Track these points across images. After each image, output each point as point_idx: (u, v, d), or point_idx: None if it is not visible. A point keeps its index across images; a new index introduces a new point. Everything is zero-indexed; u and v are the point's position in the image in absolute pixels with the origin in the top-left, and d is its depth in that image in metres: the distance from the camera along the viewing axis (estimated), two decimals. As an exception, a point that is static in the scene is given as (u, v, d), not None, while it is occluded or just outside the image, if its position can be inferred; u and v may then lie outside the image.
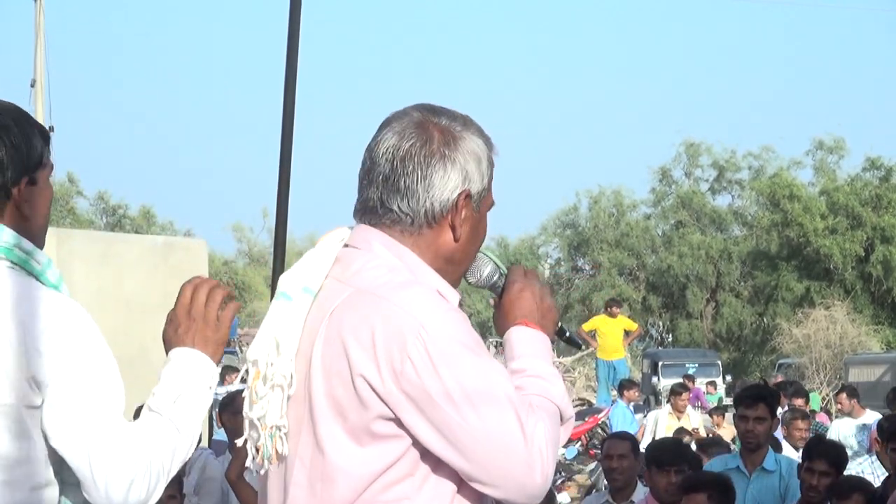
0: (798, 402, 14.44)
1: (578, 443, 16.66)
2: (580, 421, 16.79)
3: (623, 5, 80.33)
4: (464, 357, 2.42)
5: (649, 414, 16.59)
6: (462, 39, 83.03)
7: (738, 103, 74.48)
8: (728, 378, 29.68)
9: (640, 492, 6.96)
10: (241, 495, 6.53)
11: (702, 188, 45.35)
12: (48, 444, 2.61)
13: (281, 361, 2.50)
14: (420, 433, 2.42)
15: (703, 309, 43.20)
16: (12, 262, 2.67)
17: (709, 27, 76.94)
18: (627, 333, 20.65)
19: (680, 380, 20.03)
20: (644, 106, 76.53)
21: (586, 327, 21.41)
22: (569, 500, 13.79)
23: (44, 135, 2.78)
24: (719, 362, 30.35)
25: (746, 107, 74.30)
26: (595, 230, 44.78)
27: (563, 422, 2.55)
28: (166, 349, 2.76)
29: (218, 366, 2.79)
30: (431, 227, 2.57)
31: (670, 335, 44.79)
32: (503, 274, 2.77)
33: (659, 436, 13.70)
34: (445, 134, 2.57)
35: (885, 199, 38.93)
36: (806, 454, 6.87)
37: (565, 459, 15.81)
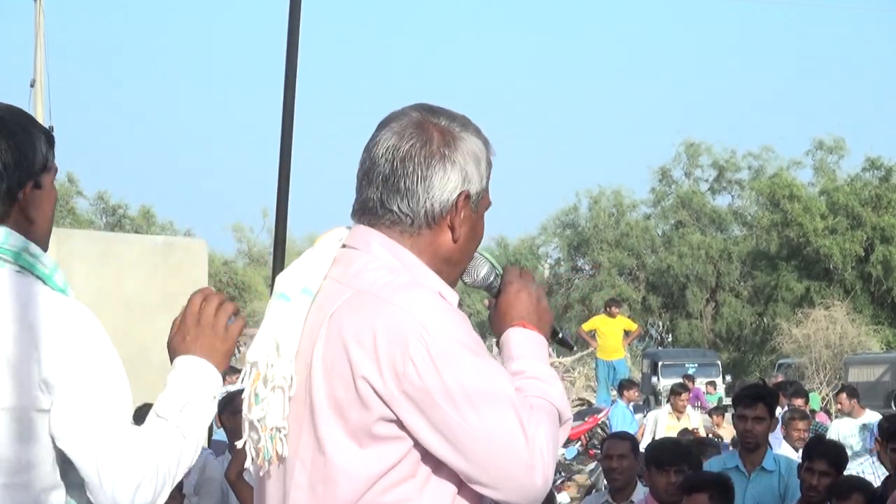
0: (798, 403, 14.43)
1: (578, 443, 16.66)
2: (580, 421, 16.79)
3: (623, 5, 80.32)
4: (465, 358, 2.41)
5: (649, 414, 16.59)
6: (462, 39, 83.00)
7: (738, 103, 74.46)
8: (728, 378, 29.66)
9: (640, 492, 6.96)
10: (241, 495, 6.53)
11: (702, 188, 45.35)
12: (55, 447, 2.61)
13: (281, 363, 2.50)
14: (421, 434, 2.41)
15: (703, 309, 43.20)
16: (20, 266, 2.67)
17: (709, 27, 76.91)
18: (627, 333, 20.64)
19: (680, 380, 20.03)
20: (644, 106, 76.52)
21: (586, 327, 21.42)
22: (569, 500, 13.80)
23: (48, 138, 2.78)
24: (719, 362, 30.33)
25: (746, 107, 74.29)
26: (595, 230, 44.76)
27: (562, 423, 2.54)
28: (171, 355, 2.76)
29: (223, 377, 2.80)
30: (431, 228, 2.56)
31: (670, 335, 44.78)
32: (499, 275, 2.76)
33: (659, 436, 13.70)
34: (445, 134, 2.57)
35: (885, 199, 38.93)
36: (806, 454, 6.87)
37: (565, 459, 15.80)
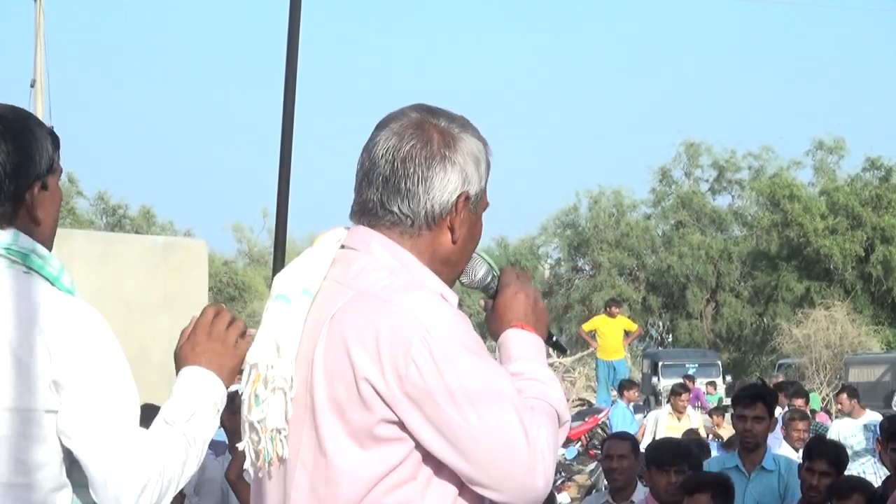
0: (798, 403, 14.43)
1: (578, 443, 16.66)
2: (580, 421, 16.79)
3: (623, 5, 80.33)
4: (467, 359, 2.41)
5: (649, 414, 16.59)
6: (462, 39, 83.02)
7: (738, 103, 74.47)
8: (728, 378, 29.66)
9: (640, 492, 6.96)
10: (241, 495, 6.53)
11: (702, 188, 45.34)
12: (62, 447, 2.62)
13: (281, 364, 2.49)
14: (422, 435, 2.40)
15: (703, 309, 43.20)
16: (28, 268, 2.68)
17: (709, 27, 76.92)
18: (627, 334, 20.64)
19: (680, 380, 20.02)
20: (644, 106, 76.52)
21: (586, 327, 21.42)
22: (569, 500, 13.80)
23: (54, 139, 2.79)
24: (719, 362, 30.33)
25: (746, 107, 74.29)
26: (595, 230, 44.75)
27: (560, 425, 2.54)
28: (179, 364, 2.77)
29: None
30: (430, 229, 2.56)
31: (670, 335, 44.78)
32: (496, 276, 2.75)
33: (659, 436, 13.70)
34: (445, 135, 2.56)
35: (885, 199, 38.93)
36: (806, 454, 6.87)
37: (565, 459, 15.80)
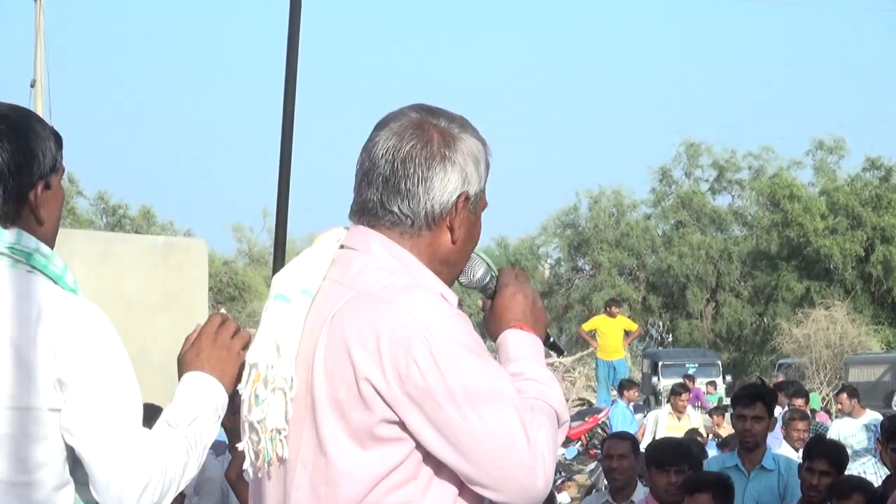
0: (798, 403, 14.43)
1: (578, 443, 16.66)
2: (580, 421, 16.79)
3: (623, 5, 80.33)
4: (468, 359, 2.41)
5: (649, 414, 16.58)
6: (462, 39, 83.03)
7: (738, 103, 74.46)
8: (728, 378, 29.67)
9: (640, 492, 6.96)
10: (241, 495, 6.53)
11: (702, 188, 45.33)
12: (65, 445, 2.63)
13: (281, 364, 2.49)
14: (423, 435, 2.40)
15: (703, 309, 43.19)
16: (32, 267, 2.69)
17: (709, 27, 76.95)
18: (627, 333, 20.65)
19: (680, 380, 20.02)
20: (644, 106, 76.53)
21: (586, 327, 21.42)
22: (569, 500, 13.80)
23: (57, 139, 2.80)
24: (719, 362, 30.33)
25: (746, 107, 74.26)
26: (595, 230, 44.74)
27: (559, 425, 2.54)
28: (182, 368, 2.79)
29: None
30: (430, 229, 2.56)
31: (670, 335, 44.77)
32: (495, 276, 2.75)
33: (659, 436, 13.70)
34: (445, 135, 2.56)
35: (885, 199, 38.92)
36: (806, 454, 6.88)
37: (565, 459, 15.81)
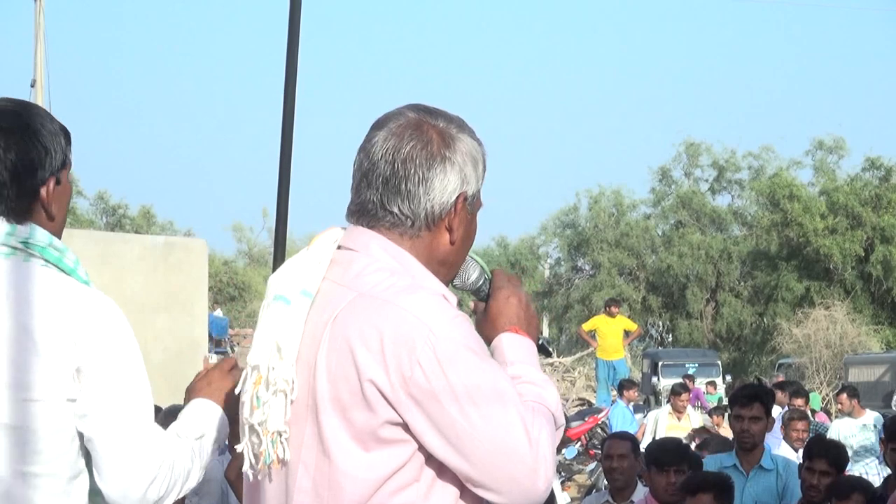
0: (798, 403, 14.41)
1: (578, 443, 16.65)
2: (580, 421, 16.78)
3: (623, 5, 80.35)
4: (471, 361, 2.41)
5: (649, 414, 16.58)
6: (462, 39, 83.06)
7: (738, 103, 74.53)
8: (728, 378, 29.63)
9: (640, 492, 6.96)
10: (240, 495, 6.53)
11: (702, 188, 45.30)
12: (79, 434, 2.66)
13: (282, 366, 2.47)
14: (425, 437, 2.39)
15: (703, 309, 43.16)
16: (45, 261, 2.71)
17: (709, 27, 76.97)
18: (627, 333, 20.64)
19: (680, 380, 19.99)
20: (644, 106, 76.58)
21: (586, 327, 21.42)
22: (569, 500, 13.79)
23: (66, 135, 2.82)
24: (719, 362, 30.29)
25: (746, 107, 74.33)
26: (595, 230, 44.70)
27: (556, 428, 2.53)
28: (192, 395, 2.90)
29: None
30: (430, 230, 2.55)
31: (670, 335, 44.73)
32: (488, 279, 2.76)
33: (659, 436, 13.69)
34: (444, 136, 2.56)
35: (885, 199, 38.89)
36: (806, 454, 6.88)
37: (565, 459, 15.80)
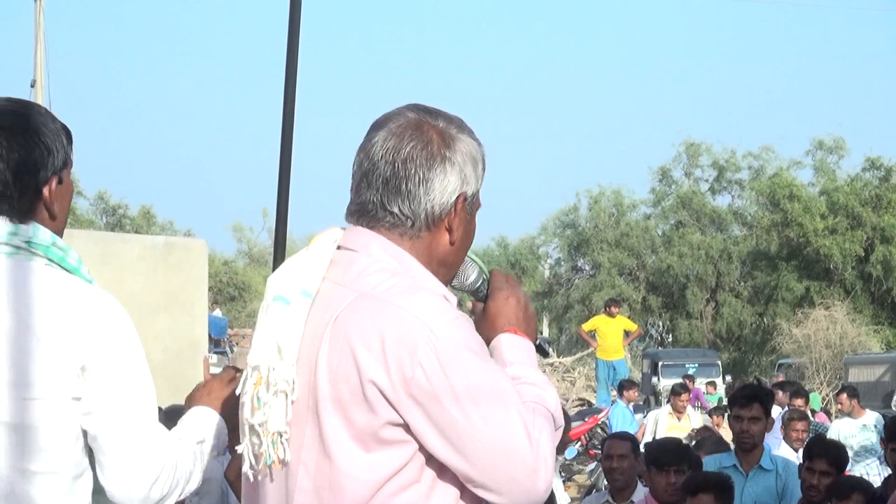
0: (798, 403, 14.41)
1: (578, 443, 16.66)
2: (580, 421, 16.79)
3: (623, 5, 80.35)
4: (472, 361, 2.41)
5: (649, 414, 16.58)
6: (462, 39, 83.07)
7: (738, 103, 74.56)
8: (728, 378, 29.63)
9: (640, 492, 6.96)
10: (240, 494, 6.53)
11: (702, 188, 45.30)
12: (83, 431, 2.67)
13: (283, 366, 2.47)
14: (426, 437, 2.39)
15: (703, 309, 43.16)
16: (49, 260, 2.72)
17: (709, 27, 76.97)
18: (627, 333, 20.64)
19: (680, 380, 19.99)
20: (644, 106, 76.60)
21: (586, 327, 21.42)
22: (569, 500, 13.79)
23: (67, 134, 2.83)
24: (719, 362, 30.27)
25: (746, 107, 74.36)
26: (595, 230, 44.70)
27: (555, 429, 2.53)
28: (192, 403, 2.93)
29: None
30: (430, 230, 2.55)
31: (670, 335, 44.73)
32: (487, 279, 2.76)
33: (659, 436, 13.69)
34: (444, 136, 2.56)
35: (885, 199, 38.89)
36: (806, 454, 6.88)
37: (565, 459, 15.80)
